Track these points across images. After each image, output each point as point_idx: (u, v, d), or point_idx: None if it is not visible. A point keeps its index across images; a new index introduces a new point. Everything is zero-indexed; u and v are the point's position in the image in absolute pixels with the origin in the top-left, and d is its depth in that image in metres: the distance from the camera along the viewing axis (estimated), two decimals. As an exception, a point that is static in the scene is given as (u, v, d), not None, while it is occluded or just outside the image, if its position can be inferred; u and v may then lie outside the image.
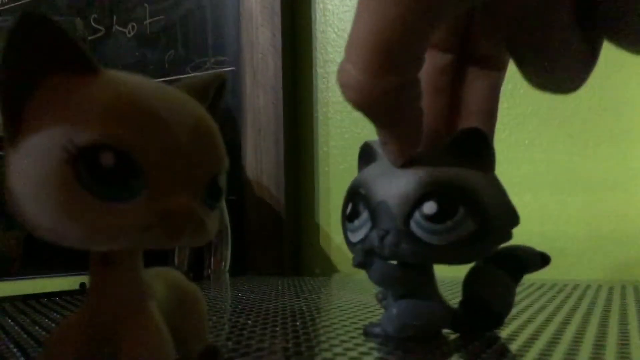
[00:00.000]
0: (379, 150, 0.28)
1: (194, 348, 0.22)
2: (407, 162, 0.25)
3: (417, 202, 0.25)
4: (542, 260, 0.29)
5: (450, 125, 0.27)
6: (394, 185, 0.25)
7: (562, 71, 0.23)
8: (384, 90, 0.20)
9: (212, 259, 0.69)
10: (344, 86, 0.21)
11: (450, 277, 0.34)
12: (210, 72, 0.80)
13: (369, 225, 0.26)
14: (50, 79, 0.16)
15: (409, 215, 0.25)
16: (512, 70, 0.25)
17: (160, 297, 0.20)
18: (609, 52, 0.22)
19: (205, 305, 0.23)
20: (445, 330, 0.28)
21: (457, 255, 0.25)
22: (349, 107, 0.22)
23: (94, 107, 0.15)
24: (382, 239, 0.25)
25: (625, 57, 0.22)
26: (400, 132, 0.24)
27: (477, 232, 0.24)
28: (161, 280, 0.21)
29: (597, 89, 0.61)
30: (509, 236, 0.26)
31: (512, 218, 0.26)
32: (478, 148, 0.25)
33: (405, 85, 0.21)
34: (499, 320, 0.29)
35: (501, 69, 0.26)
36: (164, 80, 0.20)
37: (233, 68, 0.81)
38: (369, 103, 0.21)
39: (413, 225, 0.25)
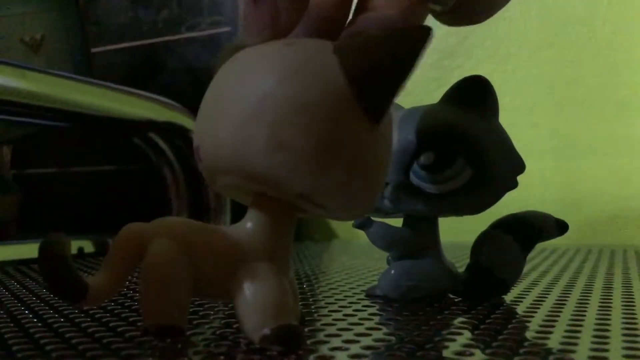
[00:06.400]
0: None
1: None
2: (270, 36, 0.19)
3: (416, 153, 0.25)
4: (558, 227, 0.28)
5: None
6: (394, 137, 0.26)
7: None
8: None
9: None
10: None
11: (463, 241, 0.34)
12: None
13: None
14: None
15: (408, 166, 0.25)
16: (516, 33, 0.25)
17: None
18: (616, 17, 0.22)
19: None
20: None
21: (458, 205, 0.26)
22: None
23: None
24: (381, 191, 0.26)
25: (632, 22, 0.22)
26: None
27: (476, 178, 0.25)
28: None
29: (603, 53, 0.61)
30: (512, 184, 0.26)
31: (515, 165, 0.26)
32: (480, 95, 0.26)
33: None
34: (503, 288, 0.28)
35: None
36: (157, 41, 0.20)
37: (229, 29, 0.79)
38: None
39: (412, 176, 0.25)
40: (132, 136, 0.63)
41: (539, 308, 0.25)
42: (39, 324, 0.23)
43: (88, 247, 0.57)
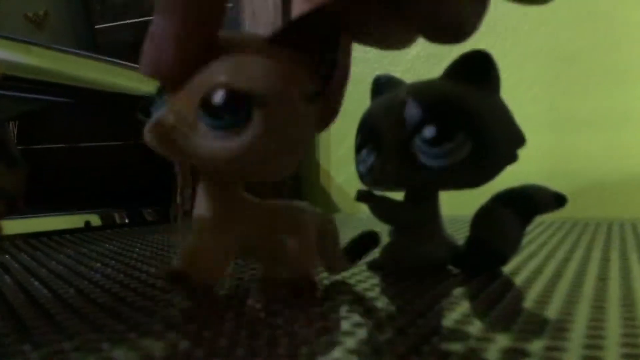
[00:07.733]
0: (387, 83, 0.29)
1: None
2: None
3: (417, 128, 0.25)
4: (556, 200, 0.28)
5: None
6: (394, 112, 0.26)
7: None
8: None
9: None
10: None
11: (463, 215, 0.35)
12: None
13: (373, 154, 0.27)
14: None
15: (408, 140, 0.25)
16: (515, 7, 0.24)
17: None
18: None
19: None
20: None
21: (458, 178, 0.26)
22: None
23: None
24: (383, 165, 0.26)
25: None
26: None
27: (476, 151, 0.25)
28: None
29: (603, 29, 0.61)
30: (512, 157, 0.26)
31: (515, 138, 0.26)
32: (481, 69, 0.26)
33: None
34: (501, 260, 0.28)
35: None
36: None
37: (231, 4, 0.79)
38: None
39: (413, 150, 0.25)
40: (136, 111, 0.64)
41: (536, 279, 0.26)
42: (49, 295, 0.24)
43: (95, 220, 0.58)
